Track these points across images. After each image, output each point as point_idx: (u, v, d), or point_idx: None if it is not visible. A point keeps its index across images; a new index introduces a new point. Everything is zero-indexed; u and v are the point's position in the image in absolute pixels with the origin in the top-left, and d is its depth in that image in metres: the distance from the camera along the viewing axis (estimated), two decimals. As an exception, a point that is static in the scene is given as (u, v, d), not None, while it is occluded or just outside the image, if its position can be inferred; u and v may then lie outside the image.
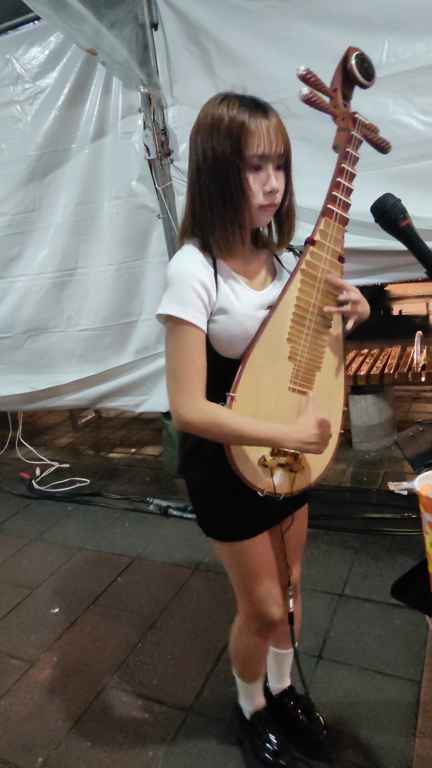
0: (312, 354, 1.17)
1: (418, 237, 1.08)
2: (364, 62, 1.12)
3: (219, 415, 1.06)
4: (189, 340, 1.06)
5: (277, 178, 1.05)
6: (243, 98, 1.04)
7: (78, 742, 1.65)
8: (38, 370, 3.38)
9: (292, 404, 1.17)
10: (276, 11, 2.27)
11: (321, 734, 1.53)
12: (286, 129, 1.06)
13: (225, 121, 1.01)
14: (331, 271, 1.16)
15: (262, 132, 1.00)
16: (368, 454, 3.37)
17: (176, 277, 1.06)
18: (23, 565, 2.68)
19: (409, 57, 2.11)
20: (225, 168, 1.02)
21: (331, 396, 1.24)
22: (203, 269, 1.07)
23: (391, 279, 2.47)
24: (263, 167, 1.03)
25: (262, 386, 1.12)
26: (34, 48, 2.86)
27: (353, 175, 1.14)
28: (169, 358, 1.08)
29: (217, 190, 1.04)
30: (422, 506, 0.89)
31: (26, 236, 3.15)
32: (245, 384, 1.10)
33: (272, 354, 1.12)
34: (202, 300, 1.05)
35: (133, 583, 2.41)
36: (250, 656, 1.43)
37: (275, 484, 1.18)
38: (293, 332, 1.14)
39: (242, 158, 1.01)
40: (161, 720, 1.69)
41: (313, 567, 2.32)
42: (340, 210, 1.14)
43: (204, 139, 1.04)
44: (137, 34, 2.55)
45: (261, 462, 1.15)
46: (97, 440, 4.31)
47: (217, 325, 1.08)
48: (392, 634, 1.90)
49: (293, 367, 1.15)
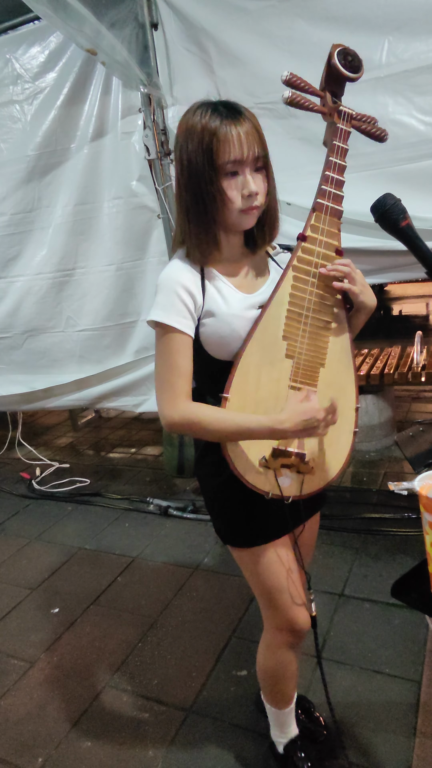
0: (312, 350, 1.15)
1: (418, 237, 1.08)
2: (347, 56, 1.11)
3: (197, 413, 1.07)
4: (172, 344, 1.08)
5: (255, 181, 1.05)
6: (216, 105, 1.04)
7: (78, 742, 1.65)
8: (38, 370, 3.38)
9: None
10: (276, 11, 2.27)
11: (321, 734, 1.53)
12: (286, 129, 1.06)
13: (198, 130, 1.02)
14: (326, 264, 1.14)
15: (233, 139, 1.01)
16: (368, 454, 3.37)
17: (162, 284, 1.09)
18: (23, 565, 2.68)
19: (409, 57, 2.11)
20: (199, 179, 1.03)
21: (342, 392, 1.18)
22: (189, 276, 1.09)
23: (391, 279, 2.47)
24: (239, 172, 1.04)
25: (259, 386, 1.11)
26: (33, 48, 2.86)
27: (343, 167, 1.13)
28: (156, 362, 1.11)
29: (193, 200, 1.06)
30: (422, 506, 0.89)
31: (25, 236, 3.14)
32: (239, 384, 1.09)
33: (267, 353, 1.11)
34: (186, 305, 1.07)
35: (133, 583, 2.41)
36: (282, 675, 1.35)
37: (282, 486, 1.15)
38: (289, 330, 1.13)
39: (215, 167, 1.02)
40: (161, 720, 1.69)
41: (313, 567, 2.30)
42: (330, 203, 1.13)
43: (182, 148, 1.06)
44: (137, 34, 2.55)
45: (262, 463, 1.13)
46: (97, 440, 4.31)
47: (206, 328, 1.10)
48: (392, 634, 1.90)
49: (292, 364, 1.13)
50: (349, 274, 1.12)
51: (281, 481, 1.15)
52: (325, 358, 1.16)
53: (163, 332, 1.09)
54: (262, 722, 1.63)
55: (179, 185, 1.09)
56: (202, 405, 1.09)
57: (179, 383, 1.08)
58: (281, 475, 1.15)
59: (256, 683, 1.69)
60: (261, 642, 1.36)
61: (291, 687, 1.38)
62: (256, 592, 1.28)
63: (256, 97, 2.29)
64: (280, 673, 1.34)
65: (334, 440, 1.19)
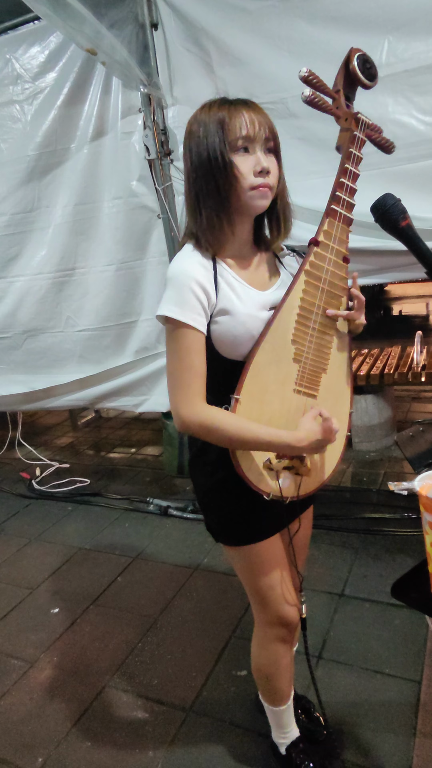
0: (317, 356, 1.16)
1: (418, 237, 1.08)
2: (366, 63, 1.12)
3: (218, 419, 1.05)
4: (187, 342, 1.05)
5: (268, 160, 1.05)
6: (225, 98, 1.07)
7: (78, 742, 1.65)
8: (37, 370, 3.38)
9: (297, 407, 1.16)
10: (276, 11, 2.27)
11: (321, 734, 1.53)
12: (286, 129, 1.07)
13: (210, 115, 1.05)
14: (336, 272, 1.15)
15: (244, 116, 1.03)
16: (368, 454, 3.37)
17: (175, 278, 1.06)
18: (23, 565, 2.68)
19: (409, 56, 2.11)
20: (211, 157, 1.03)
21: (339, 398, 1.22)
22: (202, 270, 1.06)
23: (391, 279, 2.46)
24: (250, 149, 1.04)
25: (267, 388, 1.11)
26: (33, 48, 2.86)
27: (357, 175, 1.14)
28: (169, 360, 1.08)
29: (206, 181, 1.05)
30: (422, 506, 0.89)
31: (25, 236, 3.14)
32: (249, 386, 1.08)
33: (277, 355, 1.11)
34: (200, 302, 1.05)
35: (133, 583, 2.41)
36: (275, 670, 1.36)
37: (281, 487, 1.16)
38: (298, 334, 1.13)
39: (227, 143, 1.02)
40: (161, 720, 1.69)
41: (313, 567, 2.32)
42: (344, 210, 1.14)
43: (192, 140, 1.07)
44: (137, 34, 2.54)
45: (266, 465, 1.14)
46: (97, 440, 4.31)
47: (219, 326, 1.07)
48: (392, 634, 1.90)
49: (298, 369, 1.14)
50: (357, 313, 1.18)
51: (281, 482, 1.16)
52: (328, 364, 1.18)
53: (176, 329, 1.05)
54: (261, 722, 1.63)
55: (189, 173, 1.08)
56: (220, 410, 1.07)
57: (196, 383, 1.06)
58: (282, 477, 1.16)
59: (255, 683, 1.69)
60: (253, 639, 1.37)
61: (286, 683, 1.39)
62: (248, 588, 1.28)
63: (256, 97, 2.26)
64: (274, 668, 1.35)
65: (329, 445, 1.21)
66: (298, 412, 1.15)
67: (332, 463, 1.25)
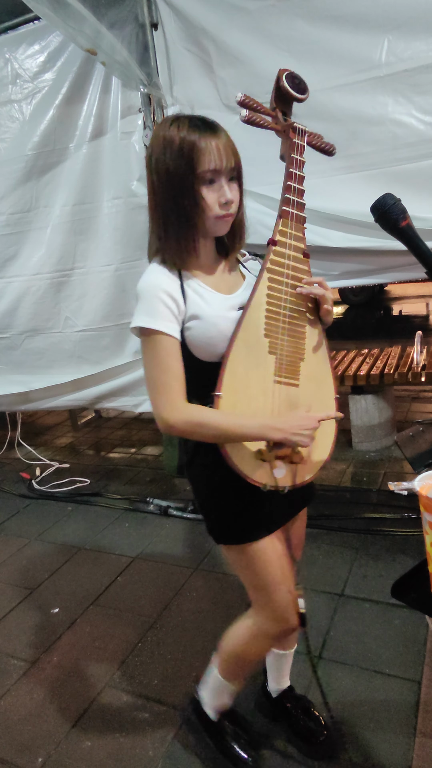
0: (292, 345, 1.21)
1: (418, 237, 1.08)
2: (294, 79, 1.22)
3: (200, 416, 1.10)
4: (162, 347, 1.11)
5: (231, 190, 1.11)
6: (192, 119, 1.10)
7: (78, 742, 1.65)
8: (36, 370, 3.38)
9: (281, 397, 1.19)
10: (276, 11, 2.27)
11: (321, 734, 1.53)
12: None
13: (176, 142, 1.07)
14: (297, 266, 1.21)
15: (213, 149, 1.07)
16: (368, 454, 3.37)
17: (144, 291, 1.12)
18: (23, 565, 2.68)
19: (408, 56, 2.11)
20: (179, 185, 1.08)
21: (321, 384, 1.26)
22: (169, 281, 1.12)
23: (391, 279, 2.47)
24: (216, 180, 1.10)
25: (249, 383, 1.15)
26: (32, 47, 2.86)
27: (302, 177, 1.22)
28: (147, 367, 1.13)
29: (173, 205, 1.11)
30: (422, 506, 0.89)
31: (23, 236, 3.14)
32: (229, 382, 1.13)
33: (252, 350, 1.16)
34: (170, 309, 1.11)
35: (133, 583, 2.41)
36: (254, 660, 1.41)
37: (277, 477, 1.18)
38: (269, 327, 1.18)
39: (195, 175, 1.07)
40: (161, 720, 1.69)
41: (313, 567, 2.32)
42: (294, 210, 1.22)
43: (158, 159, 1.10)
44: (137, 34, 2.54)
45: (258, 456, 1.16)
46: (97, 440, 4.31)
47: (192, 331, 1.12)
48: (392, 634, 1.90)
49: (275, 360, 1.19)
50: (323, 296, 1.20)
51: (276, 472, 1.18)
52: (304, 352, 1.23)
53: (150, 338, 1.11)
54: (261, 722, 1.63)
55: (155, 195, 1.13)
56: (202, 407, 1.11)
57: (175, 385, 1.11)
58: (276, 467, 1.18)
59: (255, 683, 1.69)
60: (243, 623, 1.36)
61: (252, 669, 1.47)
62: (252, 587, 1.28)
63: (256, 97, 2.29)
64: (254, 659, 1.39)
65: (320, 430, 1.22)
66: (283, 403, 1.19)
67: (326, 448, 1.27)
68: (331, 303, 1.22)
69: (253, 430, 1.11)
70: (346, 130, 2.21)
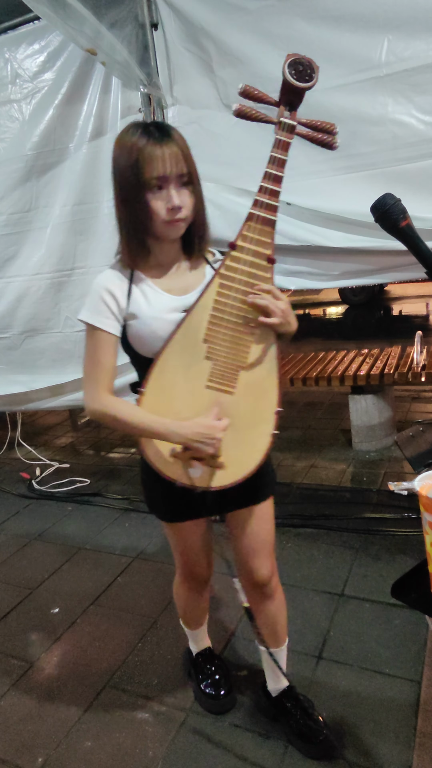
0: (232, 354, 1.20)
1: (418, 237, 1.08)
2: (298, 65, 1.14)
3: (114, 409, 1.20)
4: (98, 342, 1.21)
5: (180, 195, 1.14)
6: (147, 126, 1.14)
7: (78, 742, 1.65)
8: (36, 370, 3.37)
9: (210, 402, 1.21)
10: (276, 10, 2.27)
11: (321, 734, 1.52)
12: None
13: (127, 148, 1.12)
14: (255, 272, 1.18)
15: (158, 158, 1.10)
16: (368, 454, 3.37)
17: (92, 288, 1.22)
18: (23, 565, 2.68)
19: (408, 56, 2.10)
20: (129, 190, 1.14)
21: (263, 395, 1.25)
22: (117, 281, 1.21)
23: (391, 279, 2.46)
24: (164, 187, 1.13)
25: (176, 384, 1.20)
26: (32, 47, 2.85)
27: (279, 177, 1.16)
28: (84, 357, 1.24)
29: (124, 209, 1.18)
30: (422, 506, 0.89)
31: (23, 236, 3.13)
32: (156, 381, 1.19)
33: (187, 354, 1.19)
34: (109, 308, 1.19)
35: (133, 583, 2.41)
36: (187, 605, 1.66)
37: (193, 476, 1.23)
38: (211, 333, 1.19)
39: (142, 182, 1.12)
40: (161, 720, 1.69)
41: (313, 567, 2.32)
42: (262, 212, 1.16)
43: (115, 165, 1.16)
44: (137, 34, 2.54)
45: (173, 453, 1.21)
46: (97, 440, 4.31)
47: (130, 328, 1.22)
48: (392, 634, 1.90)
49: (211, 365, 1.20)
50: (267, 306, 1.17)
51: (192, 471, 1.23)
52: (246, 361, 1.22)
53: (89, 332, 1.22)
54: (262, 722, 1.63)
55: (114, 197, 1.19)
56: (120, 400, 1.21)
57: (101, 377, 1.22)
58: (192, 467, 1.23)
59: (256, 683, 1.69)
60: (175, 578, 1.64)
61: (197, 616, 1.71)
62: (173, 550, 1.51)
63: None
64: (186, 603, 1.65)
65: (250, 440, 1.25)
66: (210, 407, 1.21)
67: (253, 460, 1.26)
68: (280, 316, 1.18)
69: (159, 430, 1.18)
70: (346, 130, 2.21)
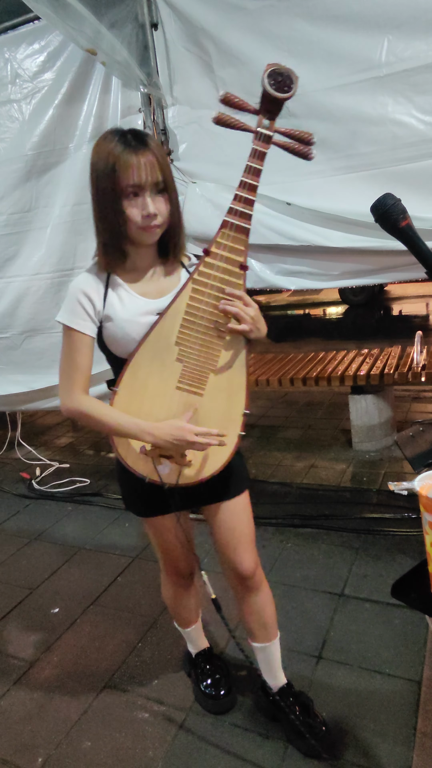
0: (203, 357, 1.24)
1: (418, 237, 1.08)
2: (277, 75, 1.12)
3: (87, 407, 1.24)
4: (73, 342, 1.25)
5: (155, 203, 1.17)
6: (124, 133, 1.17)
7: (78, 742, 1.65)
8: (36, 370, 3.37)
9: (180, 403, 1.26)
10: (276, 11, 2.26)
11: (320, 731, 1.52)
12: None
13: (105, 155, 1.16)
14: (228, 278, 1.21)
15: (134, 165, 1.13)
16: (368, 454, 3.37)
17: (69, 290, 1.26)
18: (23, 565, 2.68)
19: (408, 56, 2.10)
20: (105, 196, 1.18)
21: (231, 397, 1.29)
22: (93, 284, 1.26)
23: (391, 279, 2.46)
24: (140, 194, 1.16)
25: (148, 385, 1.24)
26: (32, 47, 2.85)
27: (254, 185, 1.18)
28: (61, 356, 1.29)
29: (100, 215, 1.22)
30: (422, 506, 0.89)
31: (23, 236, 3.13)
32: (128, 381, 1.23)
33: (159, 356, 1.23)
34: (85, 309, 1.24)
35: (133, 583, 2.41)
36: (174, 602, 1.68)
37: (161, 473, 1.28)
38: (182, 336, 1.23)
39: (117, 188, 1.15)
40: (161, 720, 1.69)
41: (313, 567, 2.32)
42: (236, 220, 1.19)
43: (92, 171, 1.20)
44: (137, 34, 2.54)
45: (143, 450, 1.26)
46: (97, 440, 4.30)
47: (105, 330, 1.26)
48: (392, 634, 1.90)
49: (182, 367, 1.23)
50: (237, 314, 1.21)
51: (160, 468, 1.27)
52: (216, 364, 1.26)
53: (66, 332, 1.26)
54: (262, 722, 1.63)
55: (92, 201, 1.23)
56: (93, 400, 1.26)
57: (76, 377, 1.26)
58: (160, 464, 1.27)
59: (256, 683, 1.69)
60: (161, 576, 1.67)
61: (186, 614, 1.72)
62: (153, 545, 1.55)
63: (256, 97, 2.29)
64: (173, 600, 1.68)
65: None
66: (180, 407, 1.26)
67: (220, 459, 1.31)
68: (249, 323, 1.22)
69: (130, 429, 1.22)
70: (346, 130, 2.21)
